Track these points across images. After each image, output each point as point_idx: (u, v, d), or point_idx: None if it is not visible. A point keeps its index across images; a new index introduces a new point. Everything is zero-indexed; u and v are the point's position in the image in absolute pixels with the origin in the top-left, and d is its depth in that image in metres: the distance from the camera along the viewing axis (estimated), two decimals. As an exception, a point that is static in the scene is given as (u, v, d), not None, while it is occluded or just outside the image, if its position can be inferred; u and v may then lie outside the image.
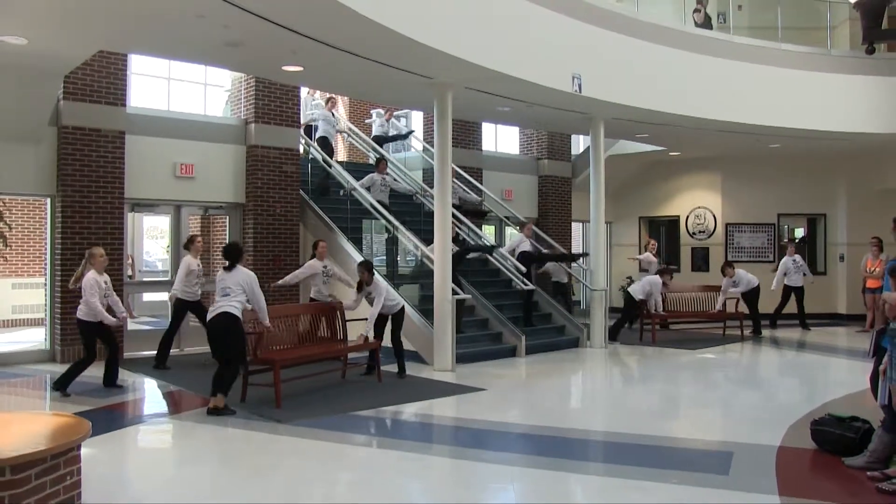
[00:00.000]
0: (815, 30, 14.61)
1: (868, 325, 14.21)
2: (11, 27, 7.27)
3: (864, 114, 13.40)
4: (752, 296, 13.88)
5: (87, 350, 8.23)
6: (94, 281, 8.12)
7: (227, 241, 10.69)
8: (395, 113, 16.45)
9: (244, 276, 7.50)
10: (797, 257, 14.89)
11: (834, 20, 14.44)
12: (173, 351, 10.39)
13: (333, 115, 14.06)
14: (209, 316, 7.49)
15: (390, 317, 9.43)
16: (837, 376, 10.44)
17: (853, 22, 14.88)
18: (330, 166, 13.19)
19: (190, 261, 9.82)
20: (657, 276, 13.34)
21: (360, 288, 9.30)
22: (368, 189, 12.28)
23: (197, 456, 6.35)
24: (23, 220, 14.50)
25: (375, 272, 9.42)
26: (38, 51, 8.19)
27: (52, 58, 8.61)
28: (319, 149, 13.46)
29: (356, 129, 15.65)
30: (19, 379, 9.24)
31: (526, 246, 12.79)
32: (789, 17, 14.05)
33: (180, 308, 9.98)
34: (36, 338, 11.57)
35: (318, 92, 15.05)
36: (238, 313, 7.36)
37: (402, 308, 9.59)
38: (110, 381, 8.51)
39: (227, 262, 7.56)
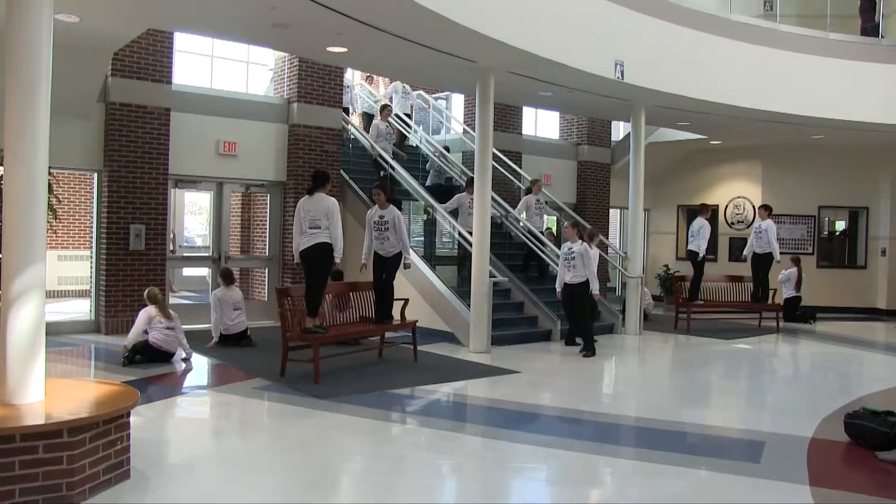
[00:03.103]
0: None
1: (908, 321, 14.06)
2: (65, 5, 7.44)
3: (914, 106, 13.15)
4: (764, 261, 13.52)
5: None
6: None
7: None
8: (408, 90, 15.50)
9: (328, 203, 8.14)
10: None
11: (886, 8, 14.15)
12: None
13: (390, 123, 13.37)
14: (305, 246, 8.02)
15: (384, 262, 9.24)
16: (874, 371, 10.35)
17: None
18: (393, 168, 12.53)
19: (378, 123, 8.92)
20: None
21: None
22: (456, 211, 11.80)
23: (238, 427, 6.54)
24: (70, 193, 14.83)
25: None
26: (90, 29, 8.37)
27: (103, 35, 8.80)
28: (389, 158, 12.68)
29: (421, 135, 14.91)
30: (66, 348, 9.51)
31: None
32: (838, 5, 13.78)
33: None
34: (81, 309, 11.90)
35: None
36: (329, 240, 8.02)
37: (400, 254, 9.23)
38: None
39: (310, 186, 8.26)
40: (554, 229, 15.48)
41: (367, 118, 14.88)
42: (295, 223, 8.33)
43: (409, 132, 14.52)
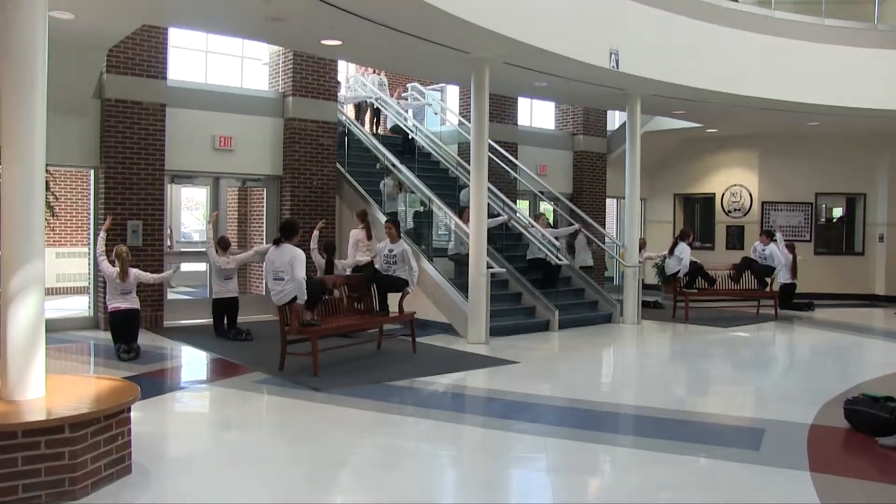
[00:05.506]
0: (862, 3, 14.32)
1: (906, 306, 14.08)
2: (59, 2, 7.41)
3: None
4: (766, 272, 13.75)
5: None
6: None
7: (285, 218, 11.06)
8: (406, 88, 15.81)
9: (294, 254, 7.94)
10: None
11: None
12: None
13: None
14: (280, 303, 7.92)
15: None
16: (873, 357, 10.39)
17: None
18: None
19: None
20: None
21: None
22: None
23: (238, 421, 6.54)
24: (66, 190, 14.80)
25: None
26: (85, 25, 8.34)
27: (98, 32, 8.77)
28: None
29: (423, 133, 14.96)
30: (65, 345, 9.52)
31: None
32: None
33: None
34: (80, 305, 11.89)
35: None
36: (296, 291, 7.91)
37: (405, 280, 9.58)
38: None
39: (277, 237, 8.13)
40: (550, 218, 15.44)
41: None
42: (264, 273, 8.48)
43: (413, 134, 14.49)
